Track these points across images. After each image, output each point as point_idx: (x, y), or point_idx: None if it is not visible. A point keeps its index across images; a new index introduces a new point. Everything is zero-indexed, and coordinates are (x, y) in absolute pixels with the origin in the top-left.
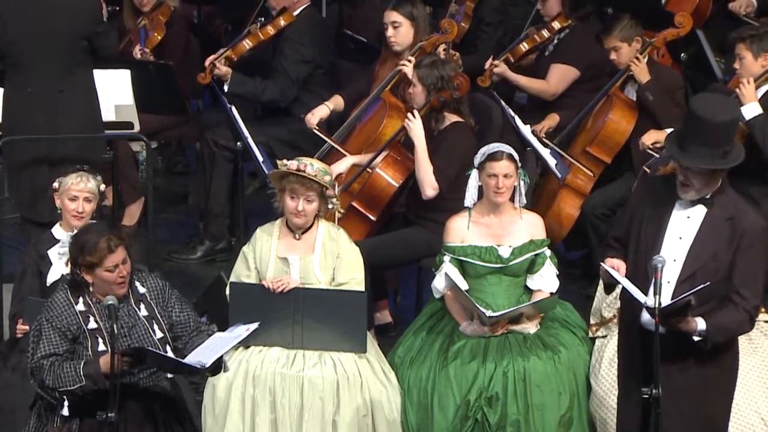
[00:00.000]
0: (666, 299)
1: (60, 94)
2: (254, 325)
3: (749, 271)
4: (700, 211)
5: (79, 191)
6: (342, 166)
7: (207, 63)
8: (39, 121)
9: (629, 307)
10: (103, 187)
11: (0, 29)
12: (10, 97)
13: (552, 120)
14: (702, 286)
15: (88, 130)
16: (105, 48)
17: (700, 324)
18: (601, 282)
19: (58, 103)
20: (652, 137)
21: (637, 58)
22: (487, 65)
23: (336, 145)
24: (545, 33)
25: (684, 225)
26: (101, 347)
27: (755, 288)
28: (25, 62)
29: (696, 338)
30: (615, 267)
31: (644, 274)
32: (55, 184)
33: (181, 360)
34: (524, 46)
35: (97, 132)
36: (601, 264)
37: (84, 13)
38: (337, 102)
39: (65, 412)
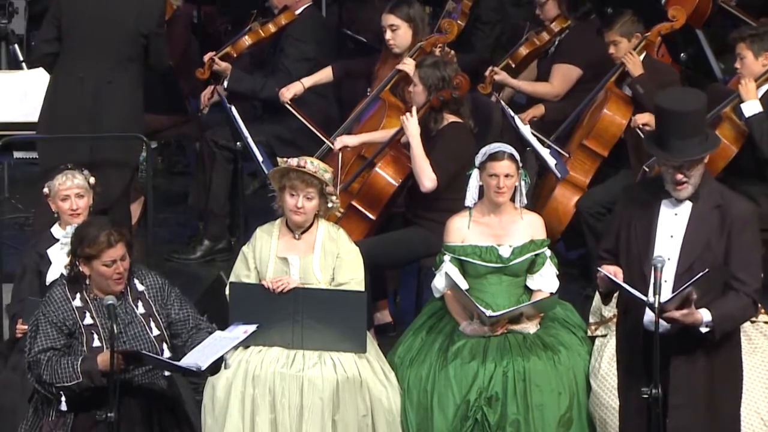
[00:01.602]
0: (666, 297)
1: (108, 85)
2: (252, 327)
3: (744, 255)
4: (687, 206)
5: (68, 189)
6: (353, 140)
7: (206, 58)
8: (84, 109)
9: (630, 311)
10: (92, 180)
11: (65, 9)
12: (59, 80)
13: (537, 110)
14: (700, 274)
15: (129, 127)
16: (156, 52)
17: (706, 315)
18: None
19: (105, 93)
20: (646, 117)
21: (630, 52)
22: (487, 72)
23: (312, 127)
24: (545, 35)
25: (673, 222)
26: (96, 343)
27: (753, 271)
28: (81, 48)
29: (704, 329)
30: (612, 272)
31: (640, 278)
32: (45, 190)
33: (177, 363)
34: (524, 50)
35: (136, 131)
36: (599, 270)
37: (149, 10)
38: (324, 74)
39: (63, 407)
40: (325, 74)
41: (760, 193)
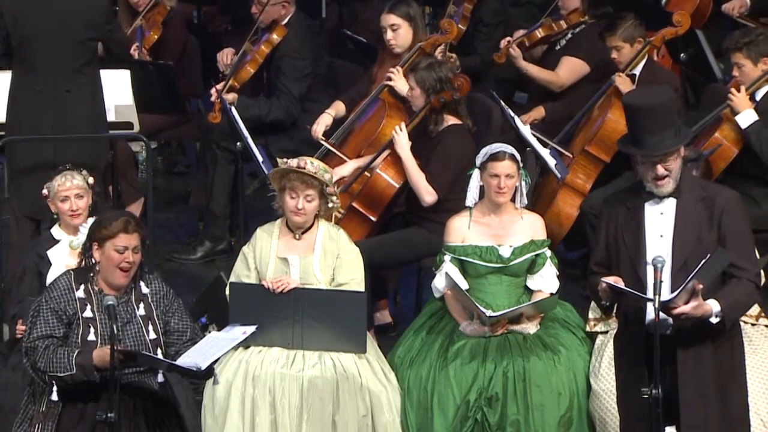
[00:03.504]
0: (666, 295)
1: (67, 93)
2: (251, 329)
3: (739, 243)
4: (671, 203)
5: (67, 190)
6: (346, 169)
7: (213, 98)
8: (45, 120)
9: (631, 319)
10: (91, 180)
11: (11, 27)
12: (18, 95)
13: (537, 112)
14: (702, 261)
15: (95, 131)
16: (115, 46)
17: (715, 306)
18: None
19: (65, 103)
20: None
21: (620, 75)
22: (503, 44)
23: (341, 155)
24: (563, 23)
25: (660, 222)
26: (91, 336)
27: (750, 257)
28: (35, 61)
29: (714, 320)
30: (614, 281)
31: (636, 284)
32: (45, 191)
33: (174, 362)
34: (540, 33)
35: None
36: (601, 281)
37: (95, 13)
38: (338, 108)
39: (54, 397)
40: (339, 108)
41: (761, 193)
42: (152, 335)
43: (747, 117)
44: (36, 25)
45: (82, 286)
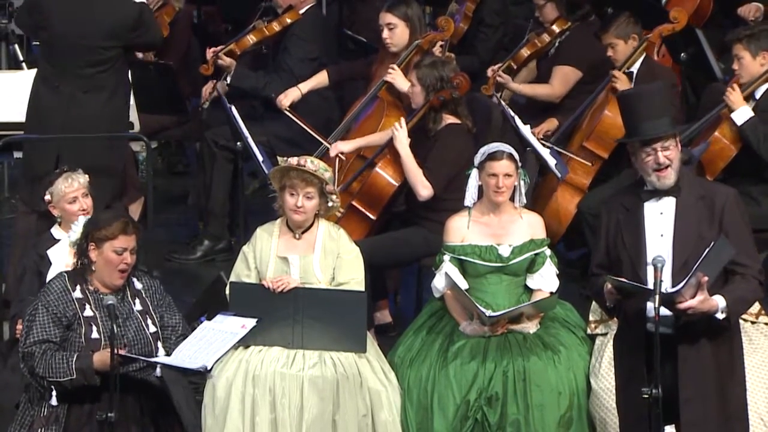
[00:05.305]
0: (672, 287)
1: (84, 94)
2: (252, 323)
3: (741, 240)
4: (670, 202)
5: (75, 191)
6: (348, 145)
7: (209, 55)
8: (57, 117)
9: (632, 319)
10: (87, 178)
11: (43, 21)
12: (39, 89)
13: (550, 123)
14: (706, 251)
15: (110, 131)
16: (142, 47)
17: (720, 301)
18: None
19: (79, 103)
20: None
21: (616, 74)
22: (489, 73)
23: (311, 131)
24: (546, 37)
25: (660, 221)
26: (94, 335)
27: (752, 253)
28: (56, 58)
29: (720, 315)
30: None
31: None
32: (47, 197)
33: (180, 365)
34: (525, 52)
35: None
36: (608, 278)
37: (121, 23)
38: (319, 79)
39: (53, 402)
40: (320, 79)
41: (760, 193)
42: (152, 329)
43: (742, 114)
44: (60, 25)
45: (78, 287)
